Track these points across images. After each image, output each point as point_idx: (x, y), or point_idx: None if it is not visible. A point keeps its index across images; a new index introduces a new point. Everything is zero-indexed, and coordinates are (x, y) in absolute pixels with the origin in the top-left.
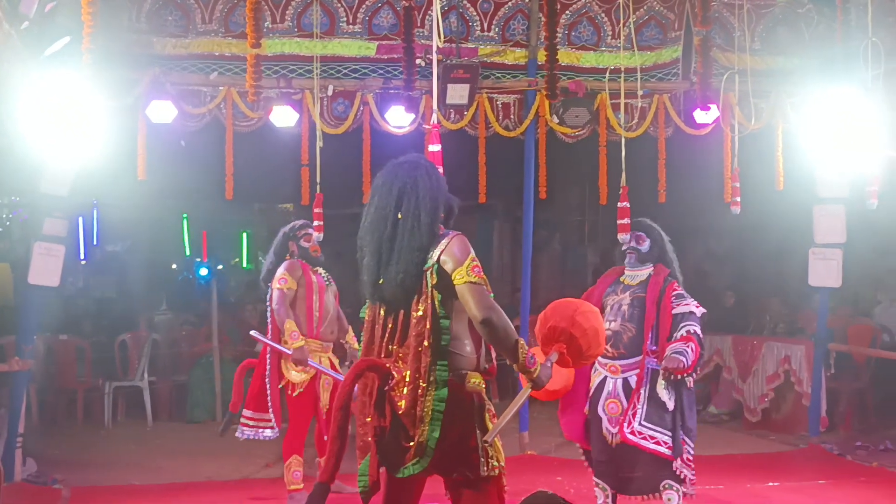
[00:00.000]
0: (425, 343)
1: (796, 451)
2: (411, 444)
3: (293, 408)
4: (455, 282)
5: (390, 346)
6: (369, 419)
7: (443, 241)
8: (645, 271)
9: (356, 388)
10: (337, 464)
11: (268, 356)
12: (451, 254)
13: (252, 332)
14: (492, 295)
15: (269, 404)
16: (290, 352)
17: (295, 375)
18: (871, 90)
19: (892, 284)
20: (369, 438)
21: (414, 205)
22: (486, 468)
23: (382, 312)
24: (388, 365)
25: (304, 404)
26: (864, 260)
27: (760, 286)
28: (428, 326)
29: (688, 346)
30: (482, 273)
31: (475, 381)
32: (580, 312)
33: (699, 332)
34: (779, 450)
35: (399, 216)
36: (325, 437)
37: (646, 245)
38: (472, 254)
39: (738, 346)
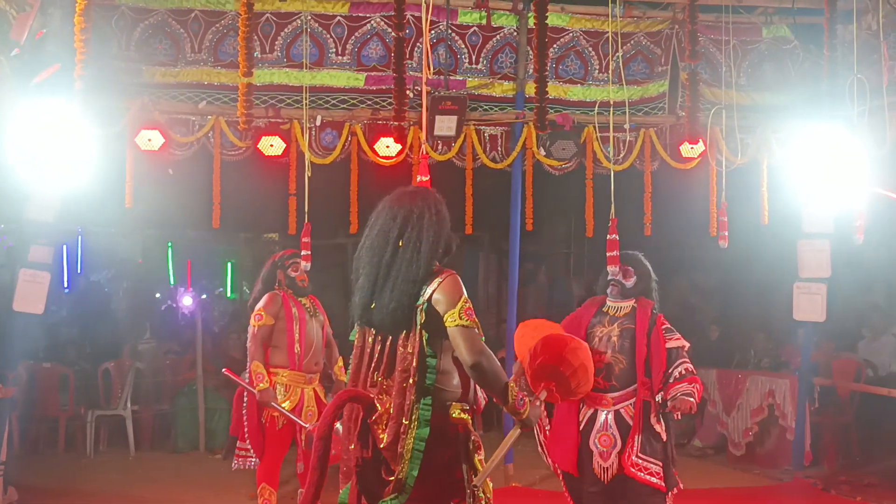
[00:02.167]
0: (411, 380)
1: (780, 485)
2: (391, 478)
3: (270, 438)
4: (447, 324)
5: (375, 376)
6: (352, 447)
7: (436, 280)
8: (628, 303)
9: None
10: (317, 493)
11: (245, 392)
12: (443, 294)
13: (224, 371)
14: (482, 338)
15: (247, 435)
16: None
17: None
18: (856, 127)
19: (876, 319)
20: (352, 466)
21: (416, 235)
22: (472, 500)
23: (370, 339)
24: (371, 396)
25: (282, 436)
26: (849, 295)
27: (745, 320)
28: (414, 364)
29: (693, 387)
30: (474, 316)
31: (460, 413)
32: (570, 349)
33: (693, 368)
34: (763, 484)
35: (400, 244)
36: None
37: (631, 281)
38: (465, 295)
39: (723, 379)
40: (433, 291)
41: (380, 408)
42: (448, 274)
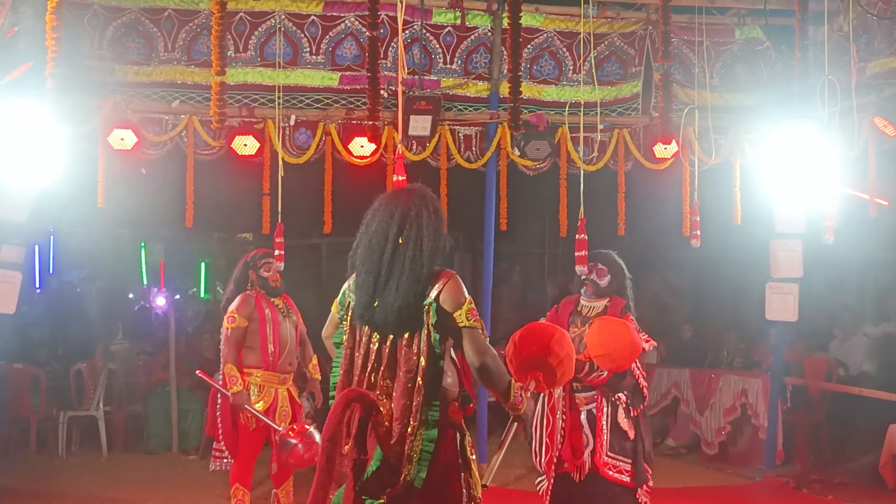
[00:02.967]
0: (419, 381)
1: (753, 484)
2: (395, 480)
3: (244, 439)
4: (454, 325)
5: (373, 378)
6: (347, 449)
7: (440, 280)
8: (601, 303)
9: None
10: (325, 495)
11: (218, 393)
12: (449, 294)
13: (198, 372)
14: (487, 338)
15: (221, 436)
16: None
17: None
18: (827, 127)
19: (847, 319)
20: (347, 469)
21: (416, 232)
22: (466, 499)
23: (364, 338)
24: (373, 397)
25: (256, 437)
26: (821, 295)
27: (718, 320)
28: (423, 364)
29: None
30: (478, 316)
31: (456, 412)
32: (555, 340)
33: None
34: (736, 483)
35: (400, 240)
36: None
37: (605, 280)
38: (468, 296)
39: (696, 379)
40: (439, 292)
41: (382, 409)
42: (450, 274)
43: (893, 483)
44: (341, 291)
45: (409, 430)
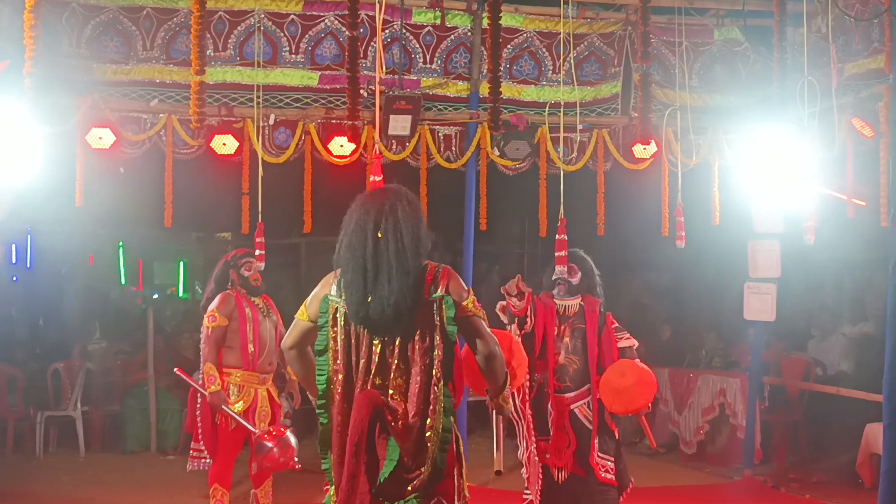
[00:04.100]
0: (437, 374)
1: (731, 483)
2: (414, 475)
3: (223, 438)
4: (465, 314)
5: (378, 380)
6: (355, 451)
7: (443, 274)
8: (575, 301)
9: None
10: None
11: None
12: (457, 286)
13: (176, 370)
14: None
15: (200, 435)
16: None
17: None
18: (806, 128)
19: (825, 319)
20: (358, 470)
21: (393, 225)
22: (458, 499)
23: (363, 341)
24: (382, 399)
25: (235, 436)
26: (798, 295)
27: (697, 320)
28: (441, 357)
29: None
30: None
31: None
32: (515, 343)
33: None
34: (713, 482)
35: (379, 234)
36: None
37: (577, 278)
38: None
39: (675, 378)
40: (447, 285)
41: (398, 409)
42: (447, 268)
43: (870, 482)
44: (320, 298)
45: (430, 421)
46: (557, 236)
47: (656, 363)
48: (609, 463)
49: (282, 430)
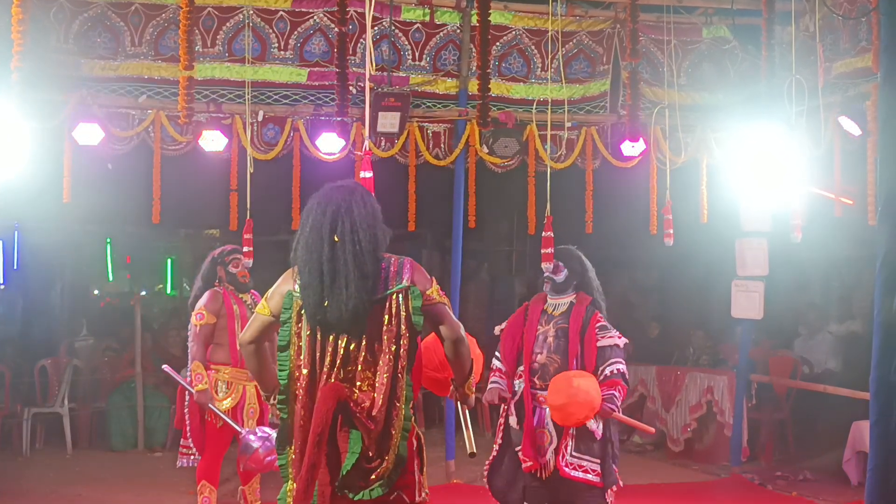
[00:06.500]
0: (403, 364)
1: (718, 480)
2: (376, 464)
3: (211, 435)
4: (430, 302)
5: (342, 373)
6: (317, 443)
7: (406, 265)
8: (567, 299)
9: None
10: (310, 495)
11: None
12: (421, 275)
13: (164, 367)
14: None
15: (189, 432)
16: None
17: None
18: (794, 127)
19: (812, 317)
20: (319, 461)
21: (349, 228)
22: (418, 494)
23: (321, 335)
24: (346, 391)
25: (222, 433)
26: (786, 293)
27: (684, 317)
28: (406, 347)
29: (616, 390)
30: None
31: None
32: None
33: (625, 369)
34: (701, 479)
35: (335, 238)
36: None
37: (561, 275)
38: None
39: (662, 376)
40: (411, 275)
41: (366, 401)
42: (409, 259)
43: (857, 479)
44: (283, 294)
45: (395, 411)
46: (543, 233)
47: (644, 361)
48: (589, 463)
49: (267, 430)
